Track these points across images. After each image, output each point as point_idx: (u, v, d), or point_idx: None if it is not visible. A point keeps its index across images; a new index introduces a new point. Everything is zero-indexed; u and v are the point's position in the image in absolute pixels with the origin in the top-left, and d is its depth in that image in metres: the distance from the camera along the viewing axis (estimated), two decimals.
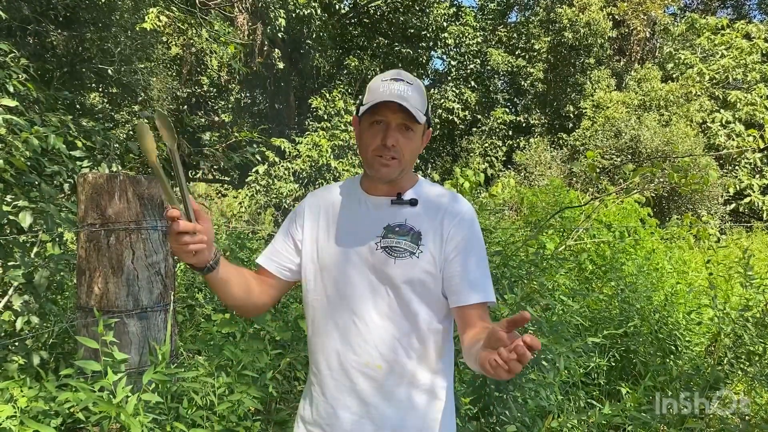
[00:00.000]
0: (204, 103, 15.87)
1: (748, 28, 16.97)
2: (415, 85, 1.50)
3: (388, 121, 1.47)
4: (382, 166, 1.48)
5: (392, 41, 16.70)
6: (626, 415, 3.17)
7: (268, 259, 1.65)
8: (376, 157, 1.48)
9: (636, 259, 5.31)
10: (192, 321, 3.86)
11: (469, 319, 1.49)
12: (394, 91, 1.45)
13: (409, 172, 1.57)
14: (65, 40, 6.64)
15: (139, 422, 2.06)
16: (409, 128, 1.48)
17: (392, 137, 1.46)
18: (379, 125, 1.48)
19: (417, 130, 1.51)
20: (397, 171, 1.50)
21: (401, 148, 1.48)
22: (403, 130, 1.48)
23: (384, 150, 1.47)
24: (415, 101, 1.46)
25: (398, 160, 1.48)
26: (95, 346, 2.27)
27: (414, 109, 1.44)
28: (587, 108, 16.67)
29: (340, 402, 1.51)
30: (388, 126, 1.47)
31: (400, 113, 1.45)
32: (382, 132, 1.47)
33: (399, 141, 1.47)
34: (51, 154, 3.46)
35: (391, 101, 1.43)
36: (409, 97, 1.45)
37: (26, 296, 2.92)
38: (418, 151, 1.57)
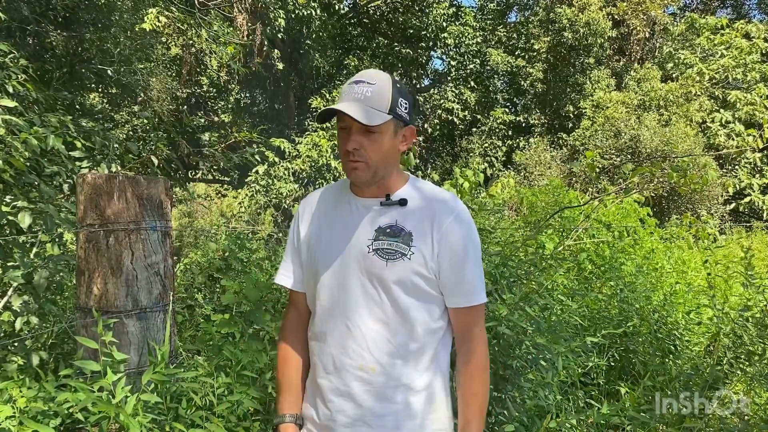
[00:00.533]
0: (204, 104, 15.87)
1: (748, 27, 16.96)
2: (377, 85, 1.47)
3: (348, 125, 1.47)
4: (352, 170, 1.48)
5: (392, 41, 16.71)
6: (625, 414, 3.17)
7: (288, 278, 1.67)
8: (346, 162, 1.48)
9: (635, 259, 5.32)
10: (191, 321, 3.86)
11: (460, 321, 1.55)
12: (353, 94, 1.45)
13: (391, 172, 1.55)
14: (65, 40, 6.64)
15: (138, 422, 2.06)
16: (371, 131, 1.46)
17: (353, 142, 1.46)
18: (344, 130, 1.48)
19: (381, 130, 1.47)
20: (368, 174, 1.48)
21: (366, 151, 1.46)
22: (365, 133, 1.46)
23: (348, 154, 1.47)
24: (372, 102, 1.44)
25: (365, 163, 1.47)
26: (94, 347, 2.28)
27: (366, 112, 1.42)
28: (587, 108, 16.67)
29: (335, 405, 1.52)
30: (350, 131, 1.47)
31: None
32: (346, 136, 1.47)
33: (363, 144, 1.46)
34: (50, 155, 3.46)
35: (341, 112, 1.42)
36: (365, 99, 1.44)
37: (25, 297, 2.92)
38: (396, 150, 1.53)
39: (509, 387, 2.84)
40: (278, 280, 1.67)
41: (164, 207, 2.67)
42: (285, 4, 13.07)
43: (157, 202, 2.63)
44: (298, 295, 1.66)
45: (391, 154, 1.52)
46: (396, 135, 1.52)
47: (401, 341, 1.49)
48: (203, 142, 13.58)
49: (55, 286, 3.52)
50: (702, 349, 4.33)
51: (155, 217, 2.61)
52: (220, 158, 6.23)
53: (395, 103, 1.49)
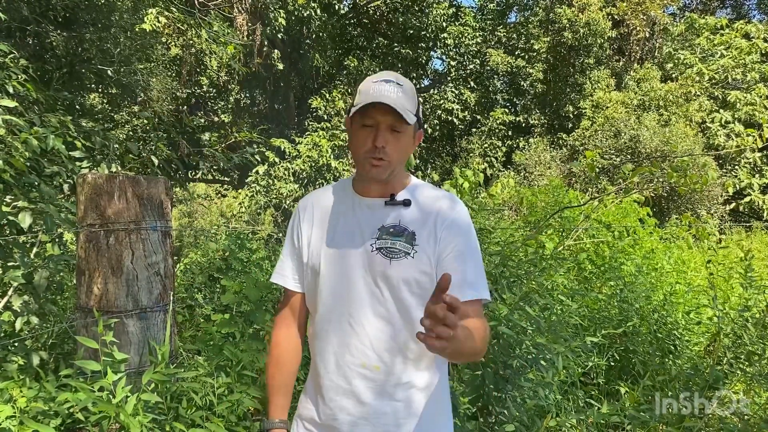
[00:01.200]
0: (204, 104, 15.87)
1: (748, 27, 16.97)
2: (405, 87, 1.50)
3: (377, 122, 1.48)
4: (373, 167, 1.49)
5: (392, 41, 16.70)
6: (625, 414, 3.18)
7: (282, 277, 1.67)
8: (368, 158, 1.49)
9: (635, 259, 5.32)
10: (191, 321, 3.86)
11: None
12: (383, 92, 1.46)
13: (400, 172, 1.58)
14: (65, 40, 6.64)
15: (139, 422, 2.07)
16: (398, 130, 1.49)
17: (382, 138, 1.47)
18: (369, 127, 1.49)
19: (406, 131, 1.51)
20: (387, 172, 1.51)
21: (390, 149, 1.49)
22: (393, 132, 1.49)
23: (374, 151, 1.48)
24: (404, 102, 1.47)
25: (387, 161, 1.49)
26: (95, 346, 2.28)
27: (403, 110, 1.45)
28: (587, 108, 16.67)
29: (337, 403, 1.52)
30: (378, 128, 1.48)
31: (389, 115, 1.46)
32: (373, 133, 1.48)
33: (389, 142, 1.48)
34: (50, 155, 3.47)
35: (380, 102, 1.43)
36: (398, 99, 1.46)
37: (26, 297, 2.93)
38: (409, 153, 1.58)
39: (509, 386, 2.85)
40: (275, 279, 1.68)
41: (164, 207, 2.67)
42: (285, 5, 13.07)
43: (158, 202, 2.64)
44: (294, 294, 1.67)
45: (407, 155, 1.57)
46: (413, 138, 1.57)
47: (403, 339, 1.50)
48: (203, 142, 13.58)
49: (56, 286, 3.52)
50: (702, 349, 4.33)
51: (155, 217, 2.62)
52: (220, 158, 6.23)
53: (417, 107, 1.54)
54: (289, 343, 1.67)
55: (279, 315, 1.70)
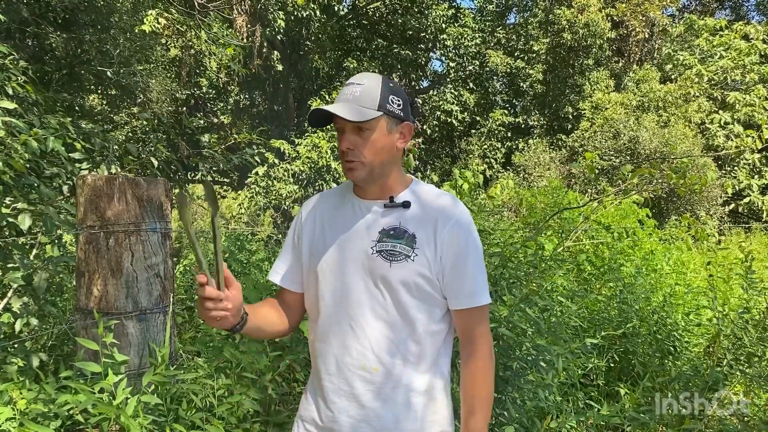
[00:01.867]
0: (203, 105, 15.89)
1: (747, 29, 16.99)
2: (367, 84, 1.50)
3: (342, 126, 1.50)
4: (348, 170, 1.50)
5: (391, 43, 16.71)
6: (625, 415, 3.18)
7: (278, 275, 1.68)
8: (343, 162, 1.51)
9: (634, 260, 5.32)
10: (191, 323, 3.86)
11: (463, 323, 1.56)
12: (343, 95, 1.49)
13: (393, 171, 1.57)
14: (64, 42, 6.64)
15: (139, 424, 2.06)
16: (363, 128, 1.48)
17: (346, 141, 1.49)
18: (339, 132, 1.52)
19: (372, 126, 1.49)
20: (364, 172, 1.50)
21: (359, 150, 1.49)
22: (358, 131, 1.49)
23: (344, 155, 1.50)
24: (361, 100, 1.47)
25: (360, 162, 1.49)
26: (95, 348, 2.28)
27: (353, 109, 1.45)
28: (586, 109, 16.68)
29: (338, 406, 1.52)
30: (343, 131, 1.50)
31: (343, 118, 1.46)
32: (341, 138, 1.51)
33: (356, 143, 1.48)
34: (50, 156, 3.46)
35: (328, 113, 1.45)
36: (353, 99, 1.47)
37: (25, 298, 2.92)
38: (392, 147, 1.54)
39: (509, 388, 2.85)
40: (270, 277, 1.69)
41: (164, 208, 2.67)
42: (284, 6, 13.08)
43: (157, 204, 2.64)
44: (285, 291, 1.68)
45: (387, 151, 1.53)
46: (390, 132, 1.53)
47: (403, 341, 1.50)
48: (203, 143, 13.58)
49: (55, 288, 3.52)
50: (701, 351, 4.33)
51: (155, 218, 2.62)
52: (219, 159, 6.23)
53: (385, 100, 1.50)
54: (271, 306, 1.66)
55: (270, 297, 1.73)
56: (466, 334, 1.56)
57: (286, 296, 1.68)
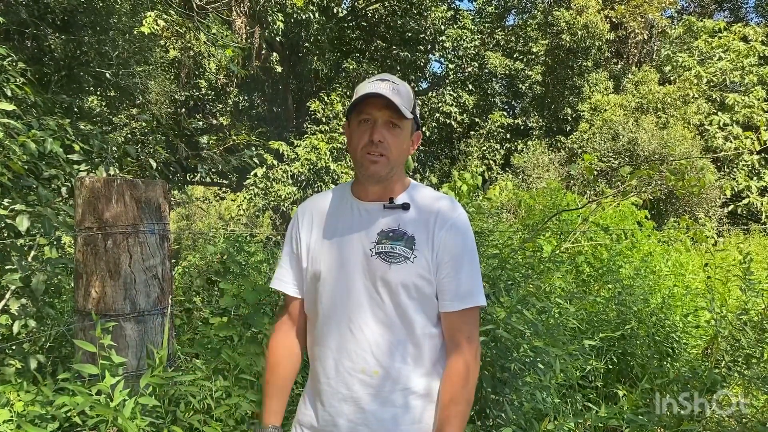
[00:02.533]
0: (202, 106, 15.88)
1: (745, 30, 17.01)
2: (401, 86, 1.51)
3: (374, 117, 1.48)
4: (372, 163, 1.49)
5: (390, 44, 16.71)
6: (623, 417, 3.18)
7: (282, 282, 1.66)
8: (366, 155, 1.49)
9: (633, 262, 5.32)
10: (190, 325, 3.86)
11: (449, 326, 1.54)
12: (378, 88, 1.47)
13: (399, 173, 1.57)
14: (63, 43, 6.64)
15: (136, 426, 2.06)
16: (396, 125, 1.49)
17: (379, 133, 1.48)
18: (366, 123, 1.50)
19: (404, 126, 1.51)
20: (386, 168, 1.50)
21: (389, 144, 1.49)
22: (390, 127, 1.49)
23: (372, 146, 1.48)
24: (401, 98, 1.48)
25: (386, 156, 1.49)
26: (93, 350, 2.28)
27: (399, 103, 1.45)
28: (585, 111, 16.70)
29: (337, 409, 1.51)
30: (375, 122, 1.49)
31: (386, 110, 1.46)
32: (370, 128, 1.49)
33: (386, 137, 1.48)
34: (48, 158, 3.46)
35: (375, 93, 1.44)
36: (393, 94, 1.47)
37: (23, 300, 2.92)
38: (408, 152, 1.57)
39: (507, 389, 2.85)
40: (274, 285, 1.67)
41: (162, 210, 2.67)
42: (283, 8, 13.09)
43: (156, 205, 2.64)
44: (294, 300, 1.66)
45: (405, 154, 1.56)
46: (410, 137, 1.56)
47: (402, 343, 1.49)
48: (201, 144, 13.59)
49: (53, 290, 3.52)
50: (699, 352, 4.34)
51: (153, 220, 2.62)
52: (218, 161, 6.24)
53: (415, 106, 1.55)
54: (285, 348, 1.65)
55: (278, 321, 1.69)
56: (453, 337, 1.54)
57: (294, 305, 1.66)
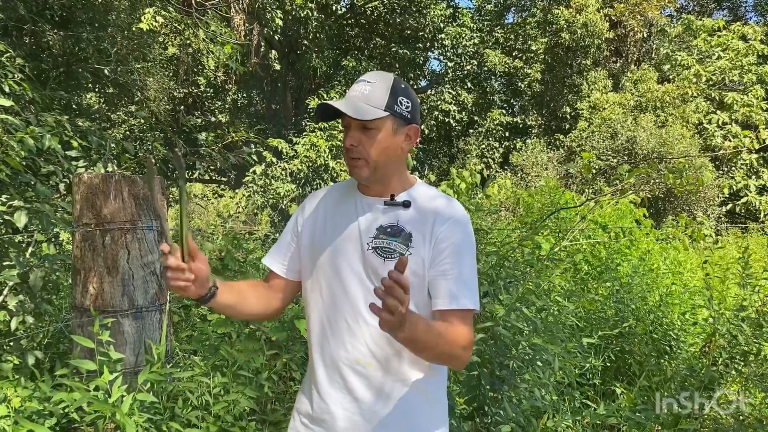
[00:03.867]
0: (201, 104, 15.87)
1: (744, 29, 17.02)
2: (376, 83, 1.51)
3: (347, 123, 1.51)
4: (353, 168, 1.51)
5: (389, 42, 16.70)
6: (621, 415, 3.18)
7: (273, 260, 1.69)
8: (349, 160, 1.52)
9: (631, 260, 5.33)
10: (188, 321, 3.85)
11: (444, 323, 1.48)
12: (351, 93, 1.50)
13: (395, 171, 1.57)
14: (61, 40, 6.62)
15: (135, 422, 2.06)
16: (368, 126, 1.49)
17: (350, 138, 1.50)
18: (345, 128, 1.53)
19: (377, 126, 1.49)
20: (368, 170, 1.51)
21: (363, 147, 1.49)
22: (363, 130, 1.49)
23: (348, 152, 1.51)
24: (369, 99, 1.48)
25: (364, 159, 1.50)
26: (91, 345, 2.27)
27: (359, 108, 1.46)
28: (584, 109, 16.70)
29: (332, 398, 1.53)
30: (348, 127, 1.51)
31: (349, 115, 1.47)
32: (346, 135, 1.52)
33: (361, 141, 1.49)
34: (46, 154, 3.46)
35: (327, 104, 1.47)
36: (361, 96, 1.48)
37: (21, 296, 2.92)
38: (396, 149, 1.54)
39: (505, 387, 2.85)
40: (265, 260, 1.70)
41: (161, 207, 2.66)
42: (282, 5, 13.07)
43: (154, 202, 2.63)
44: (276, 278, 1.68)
45: (392, 151, 1.54)
46: (396, 133, 1.53)
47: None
48: (200, 141, 13.58)
49: (51, 286, 3.51)
50: (697, 350, 4.34)
51: (151, 216, 2.61)
52: (217, 158, 6.22)
53: (393, 101, 1.51)
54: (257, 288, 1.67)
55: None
56: None
57: (271, 279, 1.69)
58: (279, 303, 1.68)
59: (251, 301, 1.61)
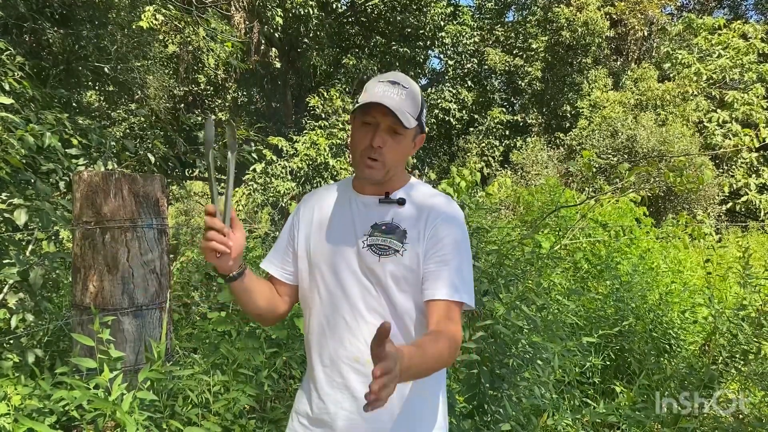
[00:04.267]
0: (200, 102, 15.85)
1: (745, 28, 17.01)
2: (410, 90, 1.51)
3: (377, 122, 1.48)
4: (367, 167, 1.50)
5: (389, 40, 16.67)
6: (621, 413, 3.18)
7: (271, 264, 1.68)
8: (365, 158, 1.50)
9: (631, 259, 5.32)
10: (188, 319, 3.86)
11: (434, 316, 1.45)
12: (387, 94, 1.46)
13: (399, 173, 1.58)
14: (61, 37, 6.61)
15: (135, 420, 2.06)
16: (398, 132, 1.49)
17: (380, 138, 1.48)
18: (369, 126, 1.50)
19: (406, 134, 1.51)
20: (381, 173, 1.51)
21: (386, 151, 1.49)
22: (392, 133, 1.49)
23: (371, 151, 1.48)
24: (406, 106, 1.47)
25: (382, 162, 1.49)
26: (91, 344, 2.28)
27: (404, 113, 1.45)
28: (584, 107, 16.70)
29: (332, 398, 1.53)
30: (377, 128, 1.48)
31: (390, 116, 1.45)
32: (371, 132, 1.49)
33: (386, 143, 1.48)
34: (46, 152, 3.45)
35: (380, 103, 1.44)
36: (400, 102, 1.46)
37: (21, 294, 2.92)
38: (407, 156, 1.57)
39: (505, 385, 2.85)
40: (263, 265, 1.69)
41: (160, 204, 2.67)
42: (282, 3, 13.06)
43: (154, 200, 2.63)
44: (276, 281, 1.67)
45: (405, 157, 1.57)
46: (413, 141, 1.57)
47: (395, 335, 1.50)
48: (200, 140, 13.54)
49: (51, 284, 3.51)
50: (697, 348, 4.35)
51: (151, 214, 2.61)
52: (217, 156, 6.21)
53: (422, 111, 1.54)
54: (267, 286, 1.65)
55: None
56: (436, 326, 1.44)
57: (276, 287, 1.68)
58: (283, 307, 1.67)
59: (265, 296, 1.59)
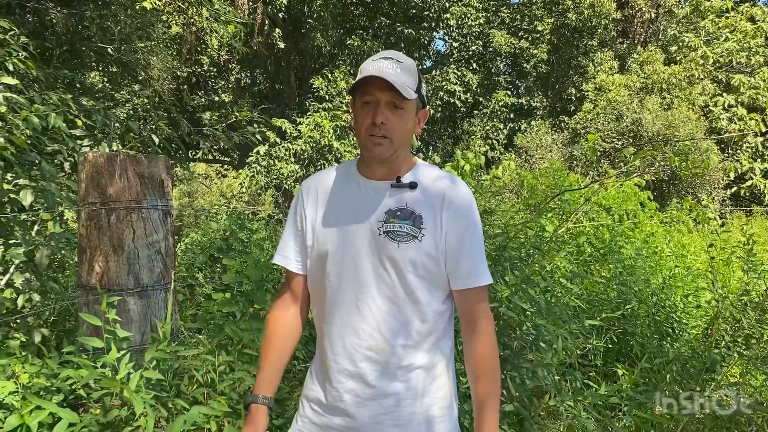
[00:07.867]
0: (204, 83, 15.79)
1: (753, 11, 16.81)
2: (405, 63, 1.50)
3: (377, 99, 1.48)
4: (375, 146, 1.49)
5: (394, 21, 16.55)
6: (622, 395, 3.20)
7: (286, 259, 1.65)
8: (369, 137, 1.49)
9: (635, 243, 5.32)
10: (192, 300, 3.88)
11: (465, 302, 1.56)
12: (381, 68, 1.46)
13: (405, 152, 1.57)
14: (65, 18, 6.57)
15: (141, 398, 2.08)
16: (399, 106, 1.48)
17: (381, 115, 1.47)
18: (369, 105, 1.49)
19: (407, 107, 1.50)
20: (390, 150, 1.50)
21: (391, 126, 1.48)
22: (393, 108, 1.48)
23: (374, 128, 1.48)
24: (403, 78, 1.47)
25: (389, 138, 1.49)
26: (98, 323, 2.29)
27: (402, 85, 1.45)
28: (589, 91, 16.58)
29: (344, 386, 1.53)
30: (378, 104, 1.48)
31: (388, 91, 1.45)
32: (373, 110, 1.48)
33: (389, 119, 1.48)
34: (51, 133, 3.45)
35: (375, 76, 1.43)
36: (396, 74, 1.46)
37: (27, 274, 2.94)
38: (413, 131, 1.56)
39: (509, 367, 2.87)
40: (277, 260, 1.67)
41: (165, 186, 2.67)
42: None
43: (158, 181, 2.64)
44: (296, 276, 1.66)
45: (410, 133, 1.55)
46: (415, 116, 1.56)
47: (409, 321, 1.51)
48: (204, 121, 13.52)
49: (57, 264, 3.53)
50: (700, 333, 4.36)
51: (156, 195, 2.62)
52: (220, 138, 6.21)
53: (420, 84, 1.53)
54: (283, 322, 1.66)
55: (279, 296, 1.70)
56: (468, 313, 1.56)
57: (296, 282, 1.66)
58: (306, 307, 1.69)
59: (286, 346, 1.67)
